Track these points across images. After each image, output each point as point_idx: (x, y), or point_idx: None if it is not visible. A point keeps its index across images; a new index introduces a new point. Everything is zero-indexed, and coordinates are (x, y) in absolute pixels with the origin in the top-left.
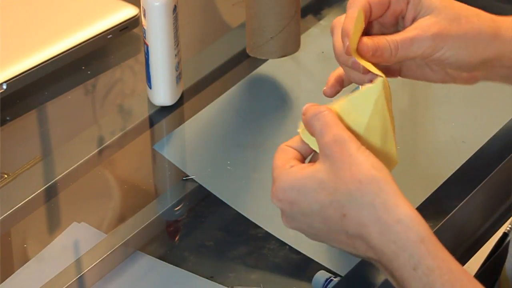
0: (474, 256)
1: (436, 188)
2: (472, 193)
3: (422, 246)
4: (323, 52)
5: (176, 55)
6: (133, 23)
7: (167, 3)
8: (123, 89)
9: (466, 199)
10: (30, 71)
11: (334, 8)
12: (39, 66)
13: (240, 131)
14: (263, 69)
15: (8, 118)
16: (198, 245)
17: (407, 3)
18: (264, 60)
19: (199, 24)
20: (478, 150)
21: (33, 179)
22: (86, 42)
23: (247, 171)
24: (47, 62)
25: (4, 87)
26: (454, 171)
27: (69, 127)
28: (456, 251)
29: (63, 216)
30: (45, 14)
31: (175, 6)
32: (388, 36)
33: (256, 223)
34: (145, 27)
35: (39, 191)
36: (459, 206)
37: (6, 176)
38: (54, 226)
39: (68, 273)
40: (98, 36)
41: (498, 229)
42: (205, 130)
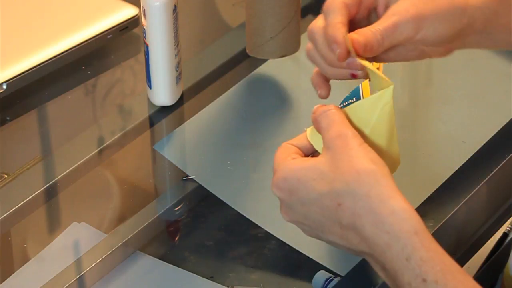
0: (474, 256)
1: (436, 188)
2: (472, 193)
3: (416, 237)
4: None
5: (176, 55)
6: (133, 23)
7: (167, 3)
8: (123, 89)
9: (466, 199)
10: (30, 71)
11: None
12: (39, 66)
13: (240, 131)
14: (263, 69)
15: (8, 118)
16: (198, 245)
17: None
18: (264, 60)
19: (199, 24)
20: (478, 150)
21: (33, 179)
22: (86, 42)
23: (247, 171)
24: (47, 62)
25: (4, 87)
26: (454, 171)
27: (69, 127)
28: (456, 251)
29: (63, 216)
30: (45, 14)
31: (175, 6)
32: (371, 27)
33: (256, 223)
34: (145, 27)
35: (39, 191)
36: (459, 206)
37: (6, 176)
38: (54, 226)
39: (68, 273)
40: (98, 36)
41: (498, 229)
42: (205, 130)
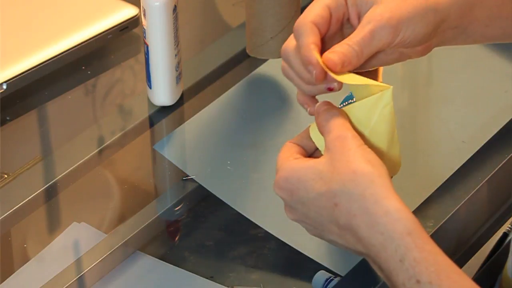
0: (474, 256)
1: (436, 188)
2: (472, 193)
3: (409, 238)
4: None
5: (176, 55)
6: (133, 23)
7: (167, 3)
8: (123, 89)
9: (466, 199)
10: (30, 71)
11: None
12: (39, 66)
13: (240, 131)
14: (263, 69)
15: (8, 118)
16: (198, 245)
17: (346, 5)
18: (264, 60)
19: (199, 24)
20: (478, 150)
21: (33, 179)
22: (86, 42)
23: (247, 171)
24: (47, 62)
25: (4, 87)
26: (454, 171)
27: (69, 127)
28: (457, 251)
29: (63, 216)
30: (45, 14)
31: (175, 6)
32: (347, 40)
33: (256, 223)
34: (145, 27)
35: (39, 191)
36: (459, 206)
37: (6, 176)
38: (54, 226)
39: (68, 273)
40: (98, 36)
41: (498, 229)
42: (205, 130)
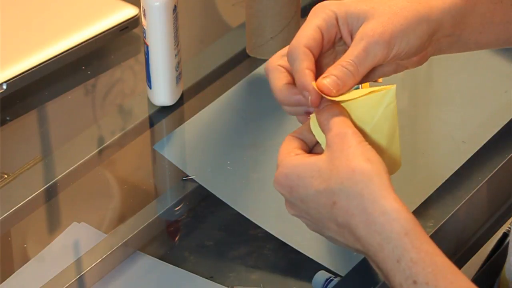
0: (474, 256)
1: (436, 188)
2: (472, 193)
3: (406, 238)
4: None
5: (176, 55)
6: (133, 23)
7: (167, 3)
8: (123, 89)
9: (466, 199)
10: (30, 71)
11: None
12: (39, 66)
13: (240, 131)
14: (263, 69)
15: (8, 118)
16: (198, 245)
17: (337, 24)
18: (264, 60)
19: (199, 24)
20: (478, 150)
21: (33, 179)
22: (86, 42)
23: (247, 171)
24: (47, 62)
25: (4, 87)
26: (454, 171)
27: (69, 127)
28: (456, 251)
29: (63, 216)
30: (45, 14)
31: (175, 6)
32: (341, 60)
33: (256, 223)
34: (145, 27)
35: (39, 191)
36: (459, 206)
37: (6, 176)
38: (54, 226)
39: (68, 273)
40: (98, 36)
41: (498, 229)
42: (205, 130)
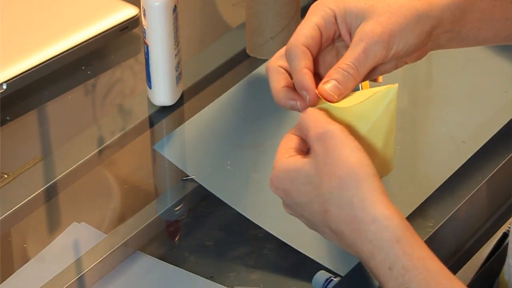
0: (474, 256)
1: (436, 188)
2: (472, 193)
3: (397, 246)
4: None
5: (176, 55)
6: (133, 23)
7: (167, 3)
8: (123, 89)
9: (466, 199)
10: (30, 71)
11: None
12: (39, 66)
13: (240, 131)
14: (263, 69)
15: (8, 118)
16: (198, 245)
17: (335, 22)
18: (264, 60)
19: (199, 24)
20: (478, 150)
21: (33, 179)
22: (86, 42)
23: (247, 171)
24: (47, 62)
25: (4, 87)
26: (454, 171)
27: (69, 127)
28: (456, 251)
29: (63, 216)
30: (45, 14)
31: (175, 6)
32: (341, 62)
33: (256, 223)
34: (145, 27)
35: (39, 191)
36: (459, 206)
37: (6, 176)
38: (54, 226)
39: (68, 273)
40: (98, 36)
41: (498, 229)
42: (205, 130)
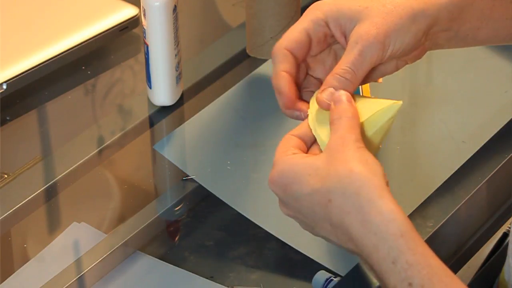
0: (474, 256)
1: (436, 188)
2: (472, 193)
3: (402, 240)
4: None
5: (176, 55)
6: (133, 23)
7: (167, 3)
8: (123, 89)
9: (466, 199)
10: (30, 71)
11: None
12: (39, 66)
13: (240, 131)
14: (263, 69)
15: (8, 118)
16: (198, 245)
17: (325, 25)
18: (264, 60)
19: (199, 24)
20: (478, 150)
21: (33, 179)
22: (86, 42)
23: (247, 171)
24: (47, 62)
25: (4, 87)
26: (454, 171)
27: (69, 127)
28: (456, 251)
29: (63, 216)
30: (45, 14)
31: (175, 6)
32: (337, 69)
33: (256, 223)
34: (145, 27)
35: (39, 191)
36: (459, 206)
37: (6, 176)
38: (54, 226)
39: (68, 273)
40: (98, 36)
41: (498, 229)
42: (205, 130)
